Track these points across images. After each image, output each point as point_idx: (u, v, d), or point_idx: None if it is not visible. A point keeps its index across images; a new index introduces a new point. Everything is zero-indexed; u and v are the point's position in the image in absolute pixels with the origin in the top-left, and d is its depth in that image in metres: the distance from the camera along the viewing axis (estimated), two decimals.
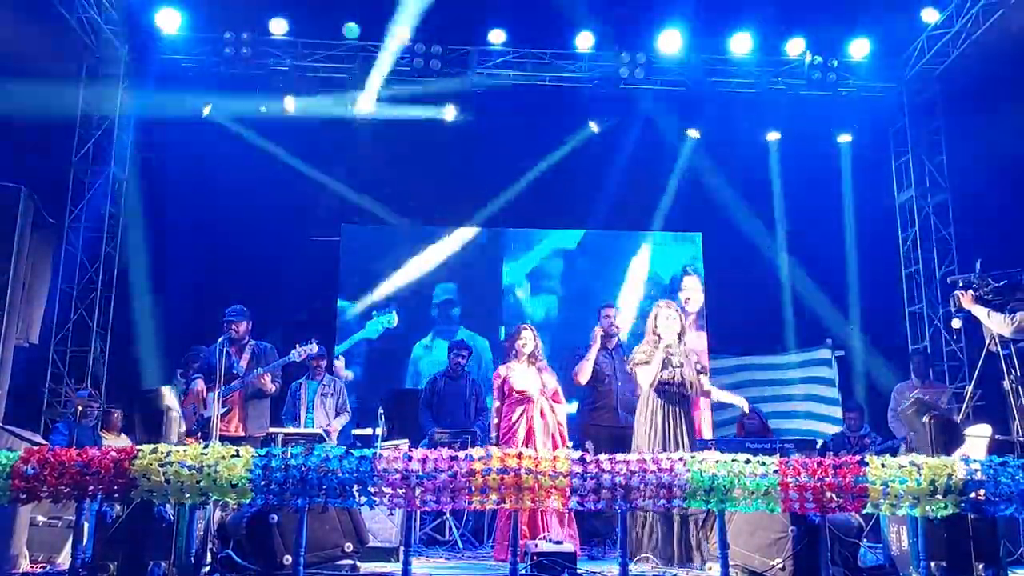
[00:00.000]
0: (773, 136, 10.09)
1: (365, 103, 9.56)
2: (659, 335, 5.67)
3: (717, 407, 9.83)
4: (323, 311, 9.98)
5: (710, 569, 5.07)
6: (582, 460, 4.06)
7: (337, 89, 9.61)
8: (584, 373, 6.68)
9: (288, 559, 4.47)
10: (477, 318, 10.27)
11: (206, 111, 9.57)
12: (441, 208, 10.31)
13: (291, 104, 9.57)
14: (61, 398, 8.54)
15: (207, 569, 4.61)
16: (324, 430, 7.15)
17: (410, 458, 4.01)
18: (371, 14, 9.28)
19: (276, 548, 4.57)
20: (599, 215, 10.27)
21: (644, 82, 9.58)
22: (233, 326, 6.67)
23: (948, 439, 4.52)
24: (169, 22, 9.23)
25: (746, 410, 6.21)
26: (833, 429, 8.74)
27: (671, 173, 10.13)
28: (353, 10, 9.38)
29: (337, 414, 7.57)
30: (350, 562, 4.83)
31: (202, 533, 4.62)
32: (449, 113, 9.78)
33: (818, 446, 6.86)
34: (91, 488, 3.94)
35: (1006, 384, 5.64)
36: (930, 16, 9.23)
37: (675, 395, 5.59)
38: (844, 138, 10.06)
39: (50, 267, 5.61)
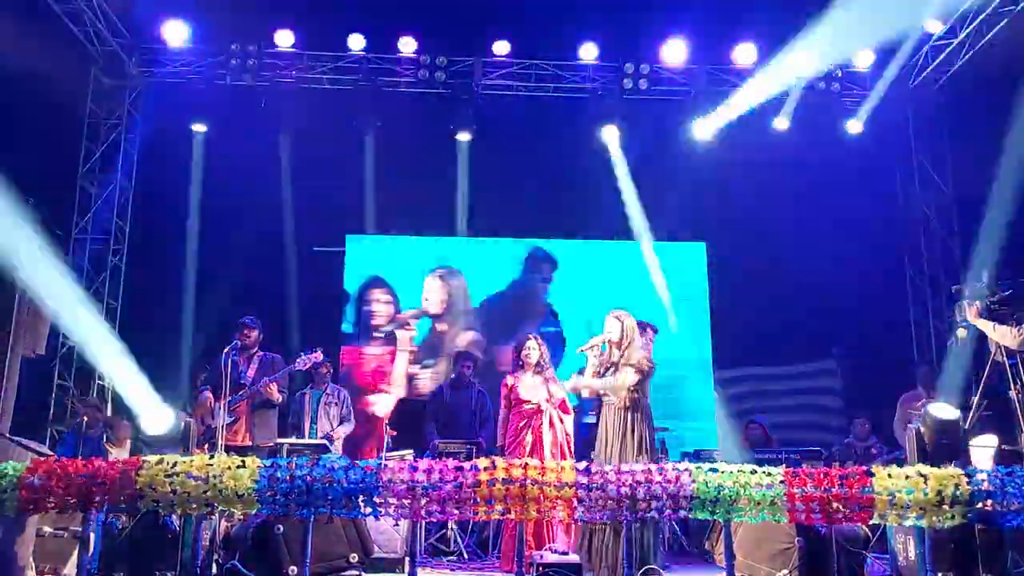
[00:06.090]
0: (777, 146, 10.04)
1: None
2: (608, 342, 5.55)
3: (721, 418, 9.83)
4: (328, 321, 10.00)
5: None
6: (587, 470, 4.05)
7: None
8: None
9: (293, 570, 4.47)
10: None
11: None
12: (441, 219, 10.32)
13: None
14: (67, 409, 8.55)
15: None
16: (326, 436, 7.16)
17: (415, 468, 4.01)
18: (376, 26, 9.33)
19: (281, 559, 4.57)
20: (602, 225, 10.26)
21: (648, 92, 9.61)
22: (247, 331, 6.74)
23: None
24: (176, 34, 9.31)
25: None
26: (838, 440, 8.70)
27: (675, 183, 10.09)
28: (358, 22, 9.42)
29: (340, 422, 7.57)
30: (355, 573, 4.83)
31: (208, 543, 4.62)
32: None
33: (824, 456, 6.84)
34: (97, 499, 3.94)
35: (1012, 394, 5.61)
36: (934, 26, 9.23)
37: (615, 404, 5.38)
38: (850, 130, 9.96)
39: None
